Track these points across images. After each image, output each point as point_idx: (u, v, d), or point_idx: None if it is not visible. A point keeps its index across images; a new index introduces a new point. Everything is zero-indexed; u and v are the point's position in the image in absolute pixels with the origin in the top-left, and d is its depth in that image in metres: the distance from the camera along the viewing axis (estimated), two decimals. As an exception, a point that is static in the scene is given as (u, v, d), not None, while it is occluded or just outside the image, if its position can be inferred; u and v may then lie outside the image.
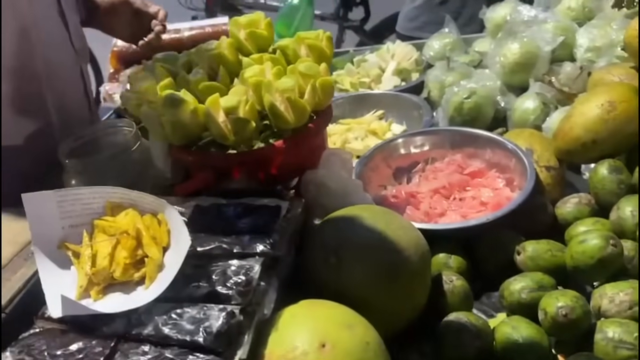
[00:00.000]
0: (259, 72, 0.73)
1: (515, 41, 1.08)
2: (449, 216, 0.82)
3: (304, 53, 0.79)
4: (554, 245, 0.71)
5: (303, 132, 0.73)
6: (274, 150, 0.72)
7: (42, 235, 0.59)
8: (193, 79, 0.73)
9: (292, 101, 0.68)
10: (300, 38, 0.79)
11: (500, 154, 0.88)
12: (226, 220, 0.60)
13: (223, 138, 0.68)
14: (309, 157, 0.76)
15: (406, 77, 1.28)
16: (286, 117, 0.69)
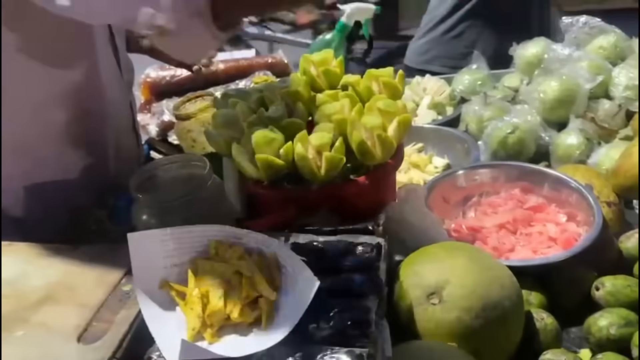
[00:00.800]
0: (339, 109, 0.74)
1: (554, 78, 1.12)
2: (519, 252, 0.82)
3: (376, 90, 0.80)
4: (631, 281, 0.73)
5: (383, 168, 0.73)
6: (357, 186, 0.72)
7: (145, 276, 0.57)
8: (274, 115, 0.73)
9: (382, 138, 0.69)
10: (374, 75, 0.80)
11: (559, 189, 0.89)
12: (330, 258, 0.60)
13: (313, 175, 0.68)
14: (387, 192, 0.76)
15: (441, 111, 1.30)
16: (374, 153, 0.69)
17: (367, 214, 0.75)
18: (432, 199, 0.93)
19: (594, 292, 0.73)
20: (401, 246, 0.73)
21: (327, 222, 0.70)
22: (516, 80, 1.30)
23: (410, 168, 1.15)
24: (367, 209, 0.74)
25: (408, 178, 1.12)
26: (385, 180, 0.74)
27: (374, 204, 0.74)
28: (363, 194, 0.73)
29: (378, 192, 0.74)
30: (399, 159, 0.78)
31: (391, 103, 0.75)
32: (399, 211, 0.74)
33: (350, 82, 0.82)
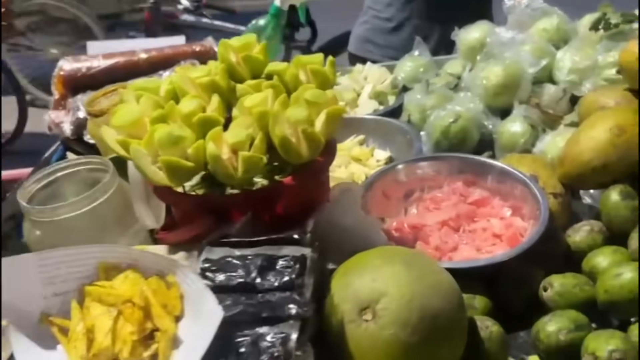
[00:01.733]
0: (261, 101, 0.65)
1: (497, 63, 1.07)
2: (463, 250, 0.76)
3: (304, 79, 0.72)
4: (580, 279, 0.68)
5: (312, 166, 0.66)
6: (283, 188, 0.64)
7: (19, 308, 0.47)
8: (186, 110, 0.64)
9: (308, 133, 0.60)
10: (301, 62, 0.72)
11: (503, 181, 0.84)
12: (246, 277, 0.51)
13: (229, 177, 0.59)
14: (318, 193, 0.68)
15: (383, 100, 1.24)
16: (300, 151, 0.61)
17: (297, 219, 0.67)
18: (371, 195, 0.86)
19: (541, 293, 0.68)
20: (336, 253, 0.65)
21: (250, 231, 0.62)
22: (459, 67, 1.24)
23: (351, 162, 1.08)
24: (295, 213, 0.66)
25: (349, 173, 1.05)
26: (315, 180, 0.67)
27: (303, 208, 0.66)
28: (290, 197, 0.65)
29: (307, 194, 0.66)
30: (331, 155, 0.70)
31: (320, 93, 0.67)
32: (331, 214, 0.66)
33: (277, 70, 0.73)
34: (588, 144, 0.77)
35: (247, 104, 0.65)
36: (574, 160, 0.79)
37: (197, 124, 0.62)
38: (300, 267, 0.52)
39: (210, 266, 0.52)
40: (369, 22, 1.78)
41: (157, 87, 0.71)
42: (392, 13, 1.71)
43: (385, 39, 1.73)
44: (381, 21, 1.74)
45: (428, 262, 0.60)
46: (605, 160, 0.76)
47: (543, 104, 1.04)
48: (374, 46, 1.76)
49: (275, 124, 0.61)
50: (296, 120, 0.61)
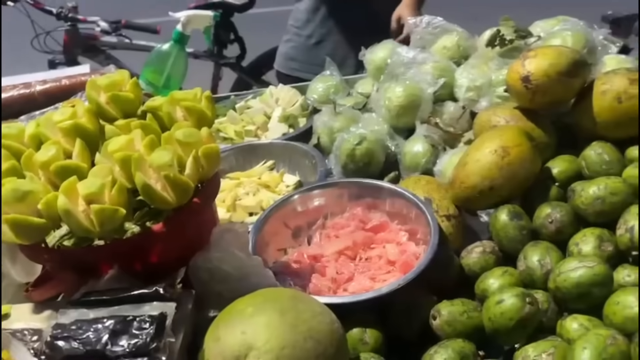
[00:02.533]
0: (126, 144, 0.62)
1: (398, 84, 1.07)
2: (358, 280, 0.75)
3: (180, 116, 0.69)
4: (468, 305, 0.68)
5: (187, 209, 0.63)
6: (153, 236, 0.61)
7: None
8: (42, 159, 0.60)
9: (172, 179, 0.58)
10: (175, 99, 0.69)
11: (401, 204, 0.84)
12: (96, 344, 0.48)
13: (86, 232, 0.56)
14: (196, 237, 0.66)
15: (293, 123, 1.22)
16: (165, 198, 0.58)
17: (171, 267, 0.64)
18: (271, 227, 0.84)
19: (431, 322, 0.68)
20: (217, 300, 0.63)
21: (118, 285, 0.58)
22: (368, 86, 1.24)
23: (260, 189, 1.06)
24: (168, 261, 0.63)
25: (257, 201, 1.02)
26: (192, 224, 0.64)
27: (179, 254, 0.63)
28: (163, 244, 0.62)
29: (182, 239, 0.63)
30: (211, 195, 0.68)
31: (191, 132, 0.64)
32: (210, 258, 0.63)
33: (154, 106, 0.71)
34: (474, 167, 0.78)
35: (110, 148, 0.61)
36: (462, 183, 0.79)
37: (56, 173, 0.59)
38: (157, 328, 0.49)
39: (60, 333, 0.49)
40: (292, 40, 1.78)
41: (21, 132, 0.67)
42: (312, 29, 1.71)
43: (308, 55, 1.73)
44: (303, 38, 1.74)
45: (307, 305, 0.58)
46: (491, 183, 0.77)
47: (444, 123, 1.05)
48: (299, 63, 1.76)
49: (138, 170, 0.58)
50: (159, 165, 0.58)
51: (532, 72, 0.81)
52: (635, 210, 0.67)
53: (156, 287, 0.55)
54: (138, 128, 0.65)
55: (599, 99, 0.81)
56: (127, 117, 0.69)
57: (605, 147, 0.79)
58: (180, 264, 0.63)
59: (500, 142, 0.78)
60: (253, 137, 1.22)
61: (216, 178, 0.69)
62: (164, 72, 1.28)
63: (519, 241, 0.74)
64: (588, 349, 0.56)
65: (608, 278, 0.62)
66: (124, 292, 0.55)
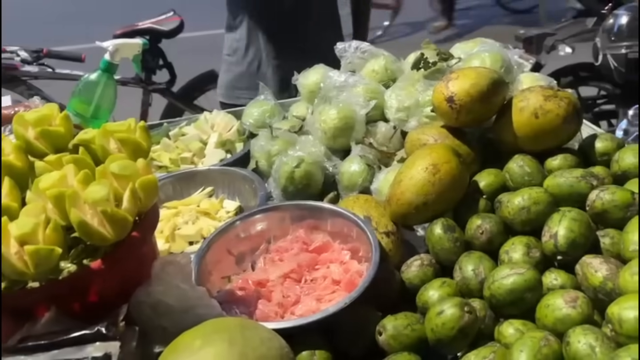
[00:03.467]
0: (58, 180, 0.60)
1: (332, 107, 1.10)
2: (304, 302, 0.76)
3: (114, 148, 0.68)
4: (411, 318, 0.70)
5: (126, 244, 0.61)
6: (91, 274, 0.59)
7: None
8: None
9: (109, 214, 0.57)
10: (108, 131, 0.68)
11: (341, 224, 0.86)
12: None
13: (20, 275, 0.53)
14: (137, 272, 0.64)
15: (230, 148, 1.22)
16: (103, 234, 0.57)
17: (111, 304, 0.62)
18: (213, 255, 0.84)
19: (377, 338, 0.70)
20: (162, 335, 0.62)
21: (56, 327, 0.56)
22: (303, 109, 1.27)
23: (199, 217, 1.05)
24: (109, 298, 0.61)
25: (197, 229, 1.01)
26: (130, 259, 0.62)
27: (119, 291, 0.62)
28: (102, 282, 0.60)
29: (122, 275, 0.62)
30: (149, 226, 0.67)
31: (127, 165, 0.63)
32: (152, 292, 0.62)
33: (86, 140, 0.69)
34: (408, 184, 0.82)
35: (42, 185, 0.59)
36: (398, 200, 0.83)
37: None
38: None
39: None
40: (230, 70, 1.77)
41: (-59, 174, 0.63)
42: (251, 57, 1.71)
43: (249, 81, 1.71)
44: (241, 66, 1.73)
45: (255, 332, 0.58)
46: (425, 199, 0.81)
47: (377, 142, 1.09)
48: (241, 91, 1.74)
49: (72, 206, 0.56)
50: (94, 200, 0.57)
51: (456, 92, 0.87)
52: (557, 218, 0.72)
53: (98, 326, 0.53)
54: (70, 163, 0.63)
55: (518, 115, 0.88)
56: (58, 152, 0.67)
57: (525, 160, 0.85)
58: (121, 300, 0.61)
59: (431, 159, 0.82)
60: (189, 164, 1.21)
61: (155, 209, 0.68)
62: (92, 102, 1.25)
63: (453, 252, 0.78)
64: (524, 351, 0.59)
65: (538, 283, 0.67)
66: (64, 335, 0.52)
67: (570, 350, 0.59)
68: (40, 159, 0.65)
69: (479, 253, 0.76)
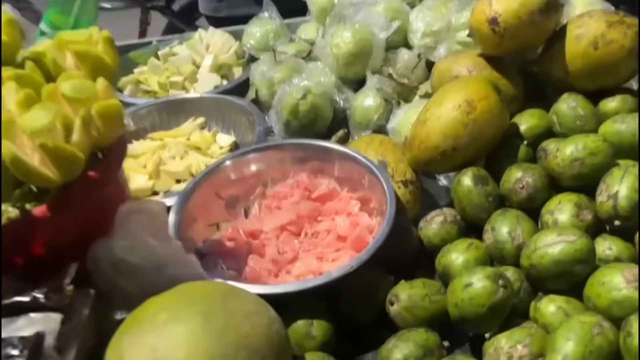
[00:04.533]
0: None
1: (347, 28, 0.94)
2: (303, 261, 0.64)
3: (71, 64, 0.54)
4: (430, 287, 0.59)
5: (79, 186, 0.49)
6: (35, 222, 0.47)
7: None
8: None
9: (50, 149, 0.43)
10: (63, 41, 0.53)
11: (351, 168, 0.73)
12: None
13: None
14: (95, 220, 0.52)
15: (227, 73, 1.07)
16: (45, 174, 0.44)
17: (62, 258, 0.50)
18: (200, 198, 0.71)
19: (388, 308, 0.58)
20: (124, 298, 0.50)
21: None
22: (312, 31, 1.10)
23: (188, 152, 0.92)
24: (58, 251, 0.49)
25: (185, 166, 0.88)
26: (87, 204, 0.50)
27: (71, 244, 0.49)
28: (47, 232, 0.47)
29: (74, 225, 0.49)
30: (113, 164, 0.54)
31: (83, 85, 0.49)
32: (113, 247, 0.50)
33: (37, 52, 0.54)
34: (435, 125, 0.67)
35: (-30, 108, 0.46)
36: (422, 143, 0.69)
37: None
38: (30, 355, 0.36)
39: None
40: None
41: None
42: None
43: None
44: None
45: (239, 304, 0.47)
46: (454, 143, 0.67)
47: (397, 73, 0.93)
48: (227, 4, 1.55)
49: (6, 137, 0.43)
50: (32, 130, 0.43)
51: (501, 12, 0.70)
52: (618, 174, 0.58)
53: (34, 292, 0.41)
54: (12, 80, 0.49)
55: (573, 44, 0.72)
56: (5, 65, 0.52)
57: (578, 100, 0.70)
58: (75, 255, 0.49)
59: (465, 95, 0.67)
60: (180, 89, 1.06)
61: (121, 143, 0.54)
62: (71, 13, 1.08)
63: (484, 209, 0.65)
64: (572, 340, 0.48)
65: (591, 254, 0.54)
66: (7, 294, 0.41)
67: (630, 343, 0.47)
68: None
69: (516, 212, 0.62)
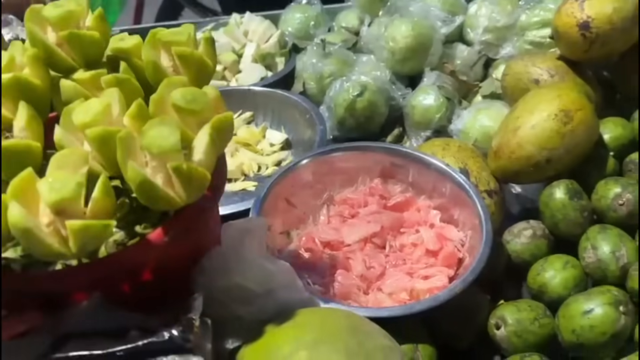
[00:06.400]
0: (99, 114, 0.41)
1: (404, 21, 0.89)
2: (392, 277, 0.61)
3: (169, 66, 0.48)
4: (537, 310, 0.56)
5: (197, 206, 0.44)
6: (149, 248, 0.42)
7: None
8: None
9: (184, 173, 0.39)
10: (160, 40, 0.48)
11: (428, 175, 0.69)
12: None
13: (56, 256, 0.36)
14: (205, 241, 0.47)
15: (270, 63, 1.01)
16: (172, 197, 0.39)
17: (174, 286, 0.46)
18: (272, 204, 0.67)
19: (493, 332, 0.56)
20: (237, 326, 0.46)
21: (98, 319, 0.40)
22: (353, 19, 1.04)
23: (238, 149, 0.87)
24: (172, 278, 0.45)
25: (236, 164, 0.84)
26: (200, 226, 0.45)
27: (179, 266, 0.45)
28: (161, 258, 0.43)
29: (188, 247, 0.45)
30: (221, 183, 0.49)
31: (196, 95, 0.44)
32: (229, 272, 0.46)
33: (125, 50, 0.49)
34: (529, 134, 0.64)
35: (77, 119, 0.40)
36: (513, 153, 0.65)
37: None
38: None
39: None
40: None
41: None
42: None
43: None
44: None
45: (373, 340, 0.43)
46: (549, 154, 0.64)
47: (457, 70, 0.90)
48: None
49: (127, 157, 0.38)
50: (161, 150, 0.38)
51: (593, 17, 0.67)
52: None
53: (168, 330, 0.37)
54: (113, 86, 0.44)
55: (660, 53, 0.69)
56: (91, 66, 0.47)
57: (667, 111, 0.68)
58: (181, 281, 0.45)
59: (560, 104, 0.64)
60: (220, 79, 1.00)
61: (224, 157, 0.49)
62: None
63: (578, 224, 0.63)
64: None
65: None
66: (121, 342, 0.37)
67: None
68: (66, 76, 0.46)
69: (617, 230, 0.60)
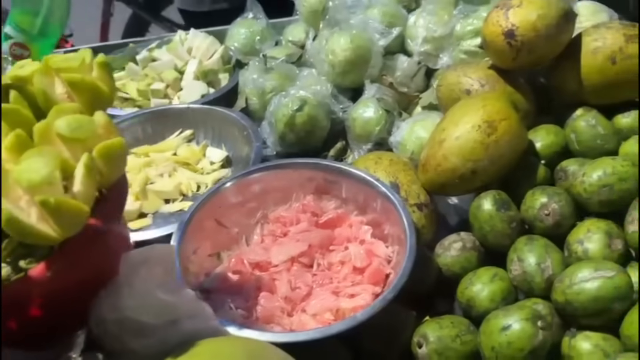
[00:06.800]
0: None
1: (343, 34, 0.89)
2: (318, 297, 0.60)
3: (61, 93, 0.47)
4: (459, 326, 0.55)
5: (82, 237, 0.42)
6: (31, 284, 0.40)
7: None
8: None
9: (53, 207, 0.37)
10: (51, 67, 0.46)
11: (358, 190, 0.68)
12: None
13: None
14: (98, 272, 0.46)
15: (213, 80, 1.00)
16: (45, 233, 0.38)
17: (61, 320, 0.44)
18: (199, 226, 0.66)
19: (415, 350, 0.54)
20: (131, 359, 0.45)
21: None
22: (300, 32, 1.04)
23: (177, 168, 0.85)
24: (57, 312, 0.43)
25: (174, 184, 0.82)
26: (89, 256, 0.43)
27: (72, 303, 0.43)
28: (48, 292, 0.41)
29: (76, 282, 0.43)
30: (114, 209, 0.47)
31: (81, 122, 0.42)
32: (120, 307, 0.44)
33: (21, 78, 0.47)
34: (453, 146, 0.64)
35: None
36: (439, 166, 0.65)
37: None
38: None
39: None
40: None
41: None
42: None
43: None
44: None
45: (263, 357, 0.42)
46: (474, 165, 0.63)
47: (397, 81, 0.89)
48: None
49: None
50: (30, 184, 0.37)
51: (518, 25, 0.67)
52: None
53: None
54: None
55: (589, 58, 0.69)
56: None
57: (598, 117, 0.67)
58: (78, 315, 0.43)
59: (484, 115, 0.63)
60: (162, 98, 0.98)
61: (122, 181, 0.48)
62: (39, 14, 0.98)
63: (507, 235, 0.62)
64: (621, 388, 0.45)
65: (630, 290, 0.52)
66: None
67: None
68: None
69: (544, 240, 0.60)
